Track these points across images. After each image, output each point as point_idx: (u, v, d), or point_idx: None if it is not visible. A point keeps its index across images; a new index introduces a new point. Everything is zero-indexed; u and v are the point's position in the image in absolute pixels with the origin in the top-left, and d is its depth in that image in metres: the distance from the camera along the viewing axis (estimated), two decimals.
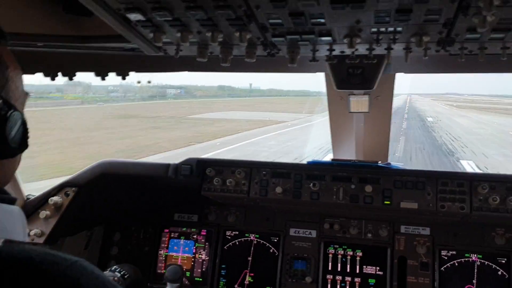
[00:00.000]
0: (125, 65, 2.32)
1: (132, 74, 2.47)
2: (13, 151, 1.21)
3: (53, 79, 2.23)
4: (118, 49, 2.03)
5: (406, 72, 2.40)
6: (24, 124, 1.23)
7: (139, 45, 1.77)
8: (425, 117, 48.02)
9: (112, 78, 2.43)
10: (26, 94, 1.29)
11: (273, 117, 42.05)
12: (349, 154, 3.25)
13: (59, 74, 2.23)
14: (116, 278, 2.58)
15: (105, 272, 2.63)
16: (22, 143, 1.23)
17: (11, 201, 1.17)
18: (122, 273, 2.62)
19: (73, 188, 2.85)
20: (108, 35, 1.87)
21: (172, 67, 2.34)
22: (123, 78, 2.43)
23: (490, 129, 37.43)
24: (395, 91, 2.67)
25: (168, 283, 2.73)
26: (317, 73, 2.57)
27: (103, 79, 2.37)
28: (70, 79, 2.33)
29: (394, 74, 2.51)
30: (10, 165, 1.26)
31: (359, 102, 2.61)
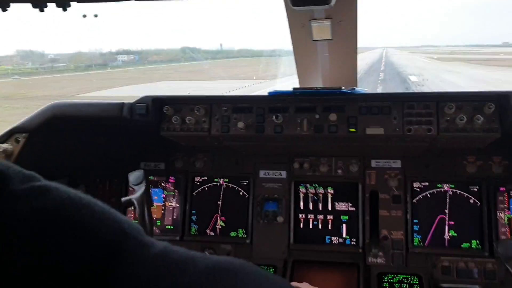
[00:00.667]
0: None
1: (74, 5, 2.27)
2: None
3: None
4: None
5: None
6: None
7: None
8: (407, 75, 39.25)
9: (52, 10, 2.23)
10: None
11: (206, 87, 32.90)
12: (316, 83, 3.13)
13: None
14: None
15: None
16: None
17: None
18: None
19: (24, 134, 2.69)
20: None
21: None
22: (64, 10, 2.23)
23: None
24: (370, 44, 2.41)
25: (134, 188, 2.60)
26: None
27: (41, 10, 2.17)
28: (3, 10, 2.12)
29: None
30: None
31: (321, 28, 2.47)
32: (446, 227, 2.92)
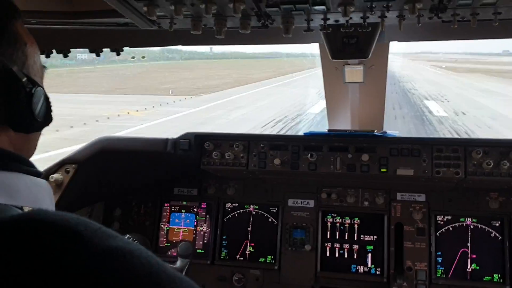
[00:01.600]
0: (120, 40, 2.32)
1: (126, 50, 2.47)
2: (39, 125, 1.26)
3: (47, 56, 2.23)
4: (112, 24, 2.03)
5: (399, 40, 2.42)
6: (47, 98, 1.28)
7: (132, 19, 1.77)
8: (420, 96, 27.86)
9: (107, 53, 2.43)
10: (43, 68, 1.33)
11: None
12: (345, 124, 3.29)
13: (54, 51, 2.24)
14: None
15: None
16: (47, 117, 1.28)
17: (38, 174, 1.23)
18: (134, 240, 2.71)
19: (73, 165, 2.89)
20: (102, 10, 1.87)
21: (166, 41, 2.34)
22: (118, 54, 2.43)
23: None
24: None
25: (179, 259, 2.83)
26: None
27: (97, 55, 2.38)
28: (65, 56, 2.33)
29: (388, 43, 2.52)
30: (35, 139, 1.32)
31: (353, 72, 2.63)
32: (469, 260, 3.03)
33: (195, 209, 3.51)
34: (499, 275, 2.98)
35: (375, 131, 2.76)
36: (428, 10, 1.60)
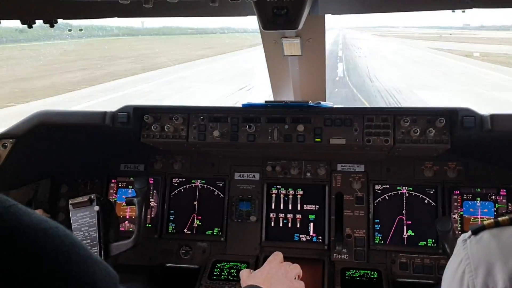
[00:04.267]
0: (53, 12, 2.26)
1: (60, 22, 2.42)
2: None
3: None
4: None
5: (334, 13, 2.47)
6: None
7: None
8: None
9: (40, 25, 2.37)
10: None
11: None
12: (288, 96, 3.36)
13: None
14: (93, 197, 2.83)
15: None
16: None
17: None
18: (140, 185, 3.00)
19: (11, 140, 2.83)
20: None
21: (98, 13, 2.31)
22: (51, 26, 2.37)
23: None
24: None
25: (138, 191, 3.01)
26: None
27: (30, 26, 2.31)
28: None
29: (323, 16, 2.58)
30: None
31: (291, 45, 2.68)
32: (405, 227, 3.20)
33: None
34: (433, 240, 3.15)
35: (309, 102, 2.85)
36: None
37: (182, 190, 3.48)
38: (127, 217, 3.48)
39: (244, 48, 49.55)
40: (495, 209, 3.14)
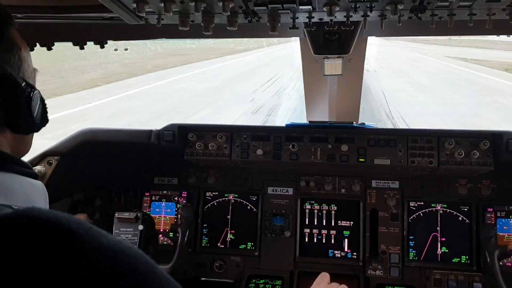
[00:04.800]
0: (104, 34, 2.31)
1: (110, 43, 2.47)
2: (37, 126, 1.34)
3: (31, 49, 2.21)
4: (97, 18, 2.03)
5: (377, 35, 2.51)
6: (42, 100, 1.35)
7: (120, 14, 1.77)
8: None
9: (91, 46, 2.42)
10: (35, 70, 1.36)
11: None
12: (322, 115, 3.39)
13: (37, 44, 2.22)
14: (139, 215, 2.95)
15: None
16: (44, 118, 1.36)
17: (34, 175, 1.25)
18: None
19: (56, 157, 2.89)
20: (87, 4, 1.87)
21: (152, 35, 2.35)
22: (102, 47, 2.43)
23: None
24: None
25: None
26: None
27: (81, 48, 2.37)
28: (48, 49, 2.31)
29: (366, 38, 2.61)
30: (31, 139, 1.39)
31: (333, 65, 2.71)
32: (439, 244, 3.21)
33: (176, 198, 3.55)
34: (467, 257, 3.16)
35: (354, 122, 2.88)
36: (409, 11, 1.68)
37: (216, 203, 3.51)
38: (161, 230, 3.51)
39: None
40: None
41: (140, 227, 2.82)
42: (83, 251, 0.87)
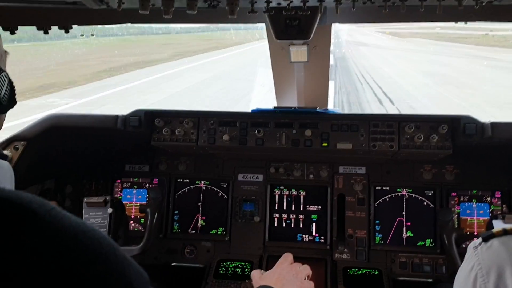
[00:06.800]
0: (67, 18, 2.31)
1: (75, 27, 2.46)
2: (4, 108, 1.35)
3: None
4: (59, 2, 2.04)
5: (339, 22, 2.56)
6: (10, 82, 1.36)
7: None
8: None
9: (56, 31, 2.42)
10: (5, 53, 1.37)
11: None
12: (292, 101, 3.44)
13: (0, 28, 2.20)
14: (108, 198, 2.99)
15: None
16: (11, 100, 1.37)
17: (3, 156, 1.27)
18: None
19: (22, 142, 2.88)
20: None
21: (114, 19, 2.36)
22: (66, 32, 2.42)
23: None
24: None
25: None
26: None
27: (45, 32, 2.36)
28: (12, 33, 2.30)
29: (330, 25, 2.67)
30: (0, 120, 1.39)
31: (298, 52, 2.76)
32: (404, 228, 3.30)
33: (147, 185, 3.58)
34: (431, 240, 3.27)
35: (318, 108, 2.94)
36: None
37: (187, 190, 3.55)
38: (132, 216, 3.54)
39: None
40: (490, 210, 3.26)
41: (110, 210, 2.85)
42: (43, 231, 0.87)
